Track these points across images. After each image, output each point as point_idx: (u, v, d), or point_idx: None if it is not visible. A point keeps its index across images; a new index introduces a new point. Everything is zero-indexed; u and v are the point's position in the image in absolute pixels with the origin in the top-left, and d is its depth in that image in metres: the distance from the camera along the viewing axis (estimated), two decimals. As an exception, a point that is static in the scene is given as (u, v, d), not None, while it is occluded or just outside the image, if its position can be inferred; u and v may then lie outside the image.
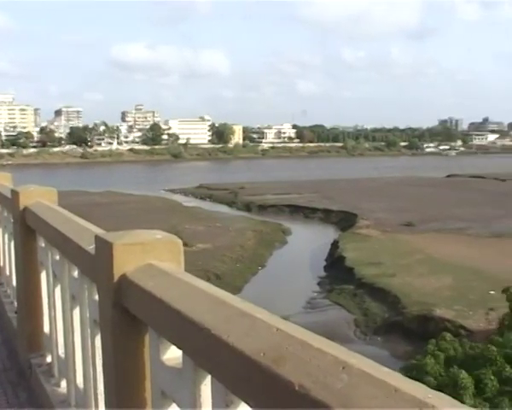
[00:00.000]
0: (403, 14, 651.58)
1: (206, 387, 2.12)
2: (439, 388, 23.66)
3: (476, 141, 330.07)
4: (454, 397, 1.30)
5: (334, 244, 69.02)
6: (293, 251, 70.05)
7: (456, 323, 41.47)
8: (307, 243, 74.76)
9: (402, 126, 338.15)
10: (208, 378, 2.10)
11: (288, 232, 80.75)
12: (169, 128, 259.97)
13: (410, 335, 40.96)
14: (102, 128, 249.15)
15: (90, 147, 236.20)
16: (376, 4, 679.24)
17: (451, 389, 23.33)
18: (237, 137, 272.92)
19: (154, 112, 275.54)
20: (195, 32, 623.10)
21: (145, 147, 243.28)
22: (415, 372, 25.14)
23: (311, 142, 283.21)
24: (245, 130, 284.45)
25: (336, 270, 59.27)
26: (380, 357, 38.31)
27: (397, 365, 32.41)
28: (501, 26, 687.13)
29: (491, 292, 44.41)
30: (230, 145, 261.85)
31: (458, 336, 37.25)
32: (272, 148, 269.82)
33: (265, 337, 1.72)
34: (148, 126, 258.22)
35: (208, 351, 1.94)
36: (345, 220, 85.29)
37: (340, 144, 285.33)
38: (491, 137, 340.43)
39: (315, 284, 56.99)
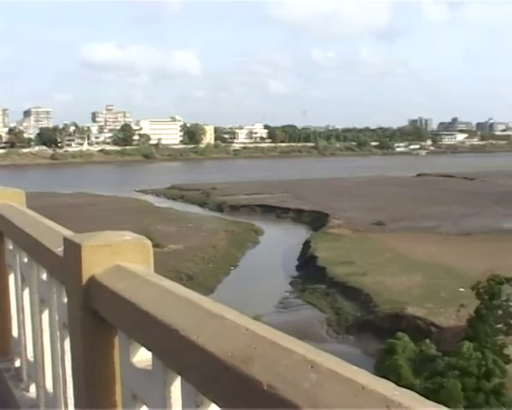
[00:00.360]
0: (372, 15, 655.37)
1: (176, 388, 2.12)
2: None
3: (445, 141, 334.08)
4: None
5: (306, 244, 69.31)
6: (265, 251, 70.15)
7: (428, 320, 41.94)
8: (279, 242, 74.92)
9: (373, 126, 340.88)
10: (178, 379, 2.09)
11: (260, 232, 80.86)
12: (140, 128, 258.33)
13: (382, 333, 41.23)
14: (73, 129, 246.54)
15: (60, 148, 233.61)
16: (346, 5, 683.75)
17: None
18: (209, 138, 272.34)
19: (125, 112, 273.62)
20: (166, 32, 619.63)
21: (116, 147, 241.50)
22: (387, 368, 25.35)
23: (282, 142, 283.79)
24: (216, 130, 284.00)
25: (308, 269, 59.50)
26: (352, 355, 38.52)
27: (369, 363, 32.66)
28: (468, 27, 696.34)
29: (461, 289, 44.93)
30: (202, 145, 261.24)
31: (429, 333, 37.69)
32: (244, 148, 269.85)
33: (234, 338, 1.72)
34: (118, 127, 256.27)
35: (178, 352, 1.93)
36: (317, 220, 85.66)
37: (312, 144, 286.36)
38: (460, 137, 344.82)
39: (287, 283, 57.15)
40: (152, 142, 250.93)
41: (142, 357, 2.38)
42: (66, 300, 3.17)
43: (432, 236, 72.38)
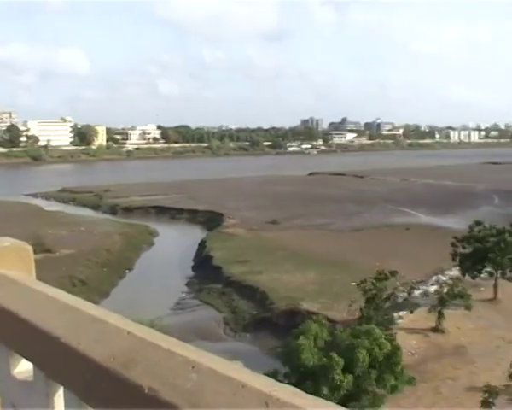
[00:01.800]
0: (260, 16, 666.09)
1: (60, 398, 2.05)
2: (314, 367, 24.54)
3: (336, 140, 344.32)
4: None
5: (202, 244, 69.35)
6: (160, 252, 69.55)
7: (322, 315, 42.87)
8: (175, 243, 74.56)
9: (266, 126, 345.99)
10: (61, 389, 2.02)
11: (155, 234, 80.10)
12: (28, 130, 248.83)
13: (278, 329, 41.88)
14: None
15: None
16: (234, 6, 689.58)
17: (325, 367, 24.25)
18: (101, 139, 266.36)
19: (10, 113, 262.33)
20: (51, 29, 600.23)
21: (1, 149, 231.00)
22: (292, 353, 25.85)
23: (176, 142, 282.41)
24: (108, 131, 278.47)
25: (204, 269, 59.52)
26: (249, 353, 38.98)
27: (266, 359, 33.13)
28: (354, 30, 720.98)
29: (353, 284, 46.32)
30: (94, 147, 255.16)
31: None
32: (137, 149, 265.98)
33: (116, 342, 1.69)
34: (4, 128, 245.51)
35: (59, 361, 1.87)
36: (211, 220, 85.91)
37: (206, 144, 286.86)
38: (350, 136, 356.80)
39: (183, 284, 56.91)
40: (41, 143, 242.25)
41: (24, 368, 2.28)
42: None
43: (325, 232, 74.37)
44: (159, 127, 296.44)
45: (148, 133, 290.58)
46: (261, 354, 38.89)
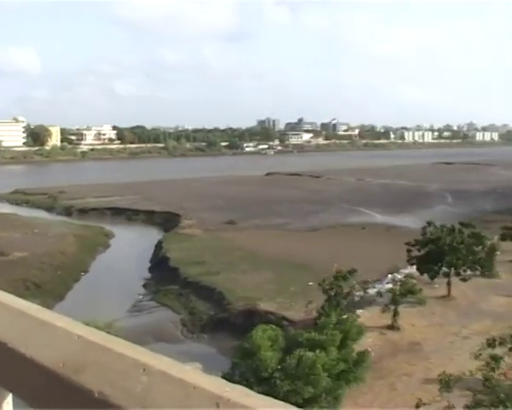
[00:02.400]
0: (217, 17, 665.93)
1: (8, 405, 2.00)
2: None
3: (292, 140, 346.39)
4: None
5: (159, 245, 68.96)
6: (117, 254, 68.87)
7: (279, 315, 43.12)
8: (131, 245, 73.93)
9: (222, 127, 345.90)
10: (10, 397, 1.98)
11: (111, 235, 79.24)
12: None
13: (236, 330, 41.80)
14: None
15: None
16: (189, 6, 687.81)
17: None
18: (54, 139, 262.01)
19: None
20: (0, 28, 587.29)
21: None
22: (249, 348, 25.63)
23: (132, 143, 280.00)
24: (63, 132, 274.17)
25: (161, 271, 59.17)
26: (207, 354, 38.95)
27: (224, 360, 33.09)
28: (309, 31, 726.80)
29: (311, 283, 46.63)
30: (47, 148, 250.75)
31: (281, 327, 38.75)
32: (92, 150, 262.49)
33: (66, 346, 1.66)
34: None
35: (7, 367, 1.83)
36: (168, 221, 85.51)
37: (162, 145, 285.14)
38: (306, 137, 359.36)
39: (140, 286, 56.43)
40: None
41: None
42: None
43: (282, 232, 74.74)
44: (114, 128, 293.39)
45: (104, 134, 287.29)
46: (219, 355, 38.86)
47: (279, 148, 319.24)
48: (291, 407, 1.26)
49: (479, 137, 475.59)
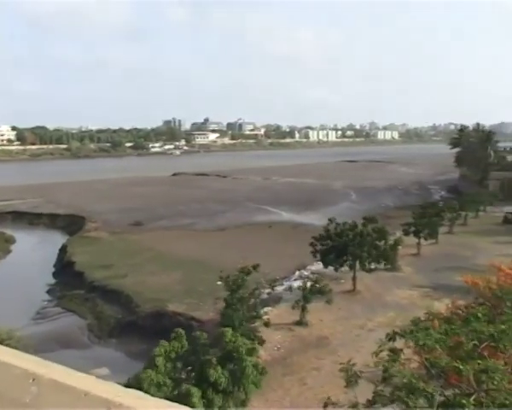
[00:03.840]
0: (116, 15, 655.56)
1: None
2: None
3: (199, 140, 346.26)
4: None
5: (63, 249, 67.10)
6: (18, 260, 66.50)
7: (188, 315, 42.96)
8: (34, 250, 71.60)
9: (127, 127, 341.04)
10: None
11: (11, 241, 76.39)
12: None
13: (144, 332, 41.37)
14: None
15: None
16: (88, 3, 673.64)
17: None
18: None
19: None
20: None
21: None
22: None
23: (33, 144, 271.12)
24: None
25: (66, 276, 57.60)
26: (115, 358, 38.28)
27: (133, 364, 32.59)
28: (213, 31, 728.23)
29: (219, 283, 46.66)
30: None
31: (191, 327, 38.62)
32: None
33: None
34: None
35: None
36: (72, 224, 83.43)
37: (65, 146, 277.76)
38: (212, 137, 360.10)
39: (44, 292, 54.64)
40: None
41: None
42: None
43: (189, 233, 74.54)
44: (13, 128, 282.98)
45: (2, 135, 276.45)
46: (127, 359, 38.28)
47: (185, 148, 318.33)
48: (184, 408, 1.26)
49: (380, 135, 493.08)
